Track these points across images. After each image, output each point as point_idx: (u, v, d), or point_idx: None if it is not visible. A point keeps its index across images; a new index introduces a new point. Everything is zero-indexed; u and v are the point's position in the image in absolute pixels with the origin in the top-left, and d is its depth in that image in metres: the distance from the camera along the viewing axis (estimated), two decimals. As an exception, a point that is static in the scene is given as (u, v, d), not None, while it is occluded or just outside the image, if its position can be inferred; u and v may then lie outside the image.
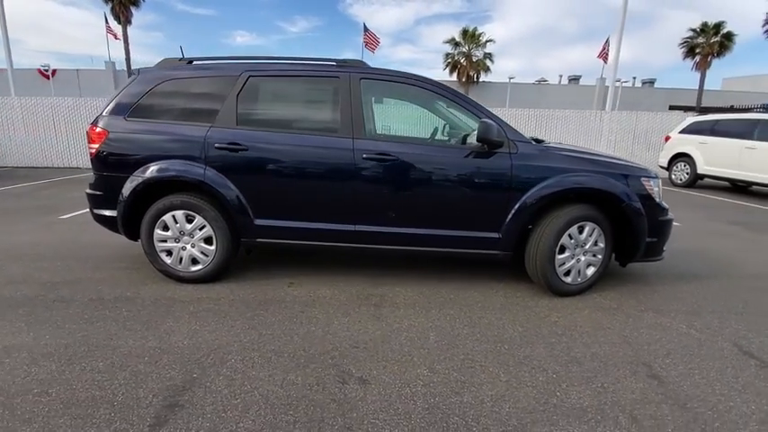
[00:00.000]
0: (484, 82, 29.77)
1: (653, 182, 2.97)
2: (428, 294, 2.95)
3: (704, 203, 7.14)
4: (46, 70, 25.21)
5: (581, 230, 2.85)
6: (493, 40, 29.40)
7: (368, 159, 2.79)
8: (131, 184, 2.85)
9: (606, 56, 23.37)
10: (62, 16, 70.95)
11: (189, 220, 2.91)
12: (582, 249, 2.89)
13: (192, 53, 3.15)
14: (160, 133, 2.90)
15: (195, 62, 3.07)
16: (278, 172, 2.87)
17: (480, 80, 29.83)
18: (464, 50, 29.64)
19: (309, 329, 2.41)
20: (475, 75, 29.68)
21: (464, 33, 29.49)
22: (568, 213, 2.79)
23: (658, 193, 2.99)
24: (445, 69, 30.15)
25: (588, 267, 2.95)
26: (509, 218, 2.83)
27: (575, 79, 36.22)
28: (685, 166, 8.99)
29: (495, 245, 2.89)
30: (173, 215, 2.89)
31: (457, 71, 29.72)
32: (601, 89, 28.81)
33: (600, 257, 2.94)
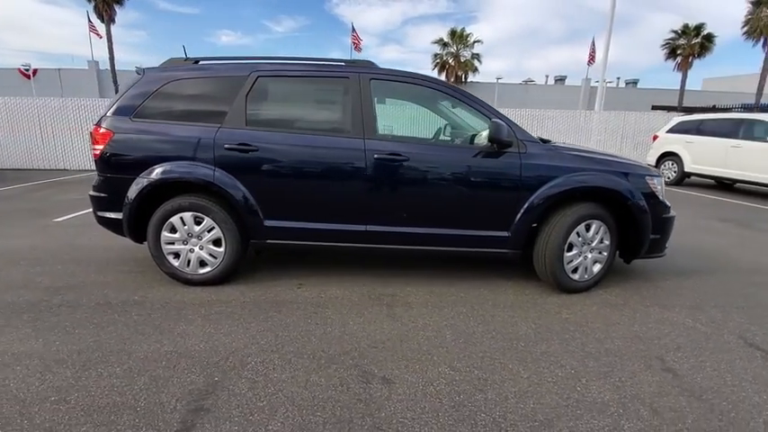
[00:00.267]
0: (472, 82, 29.95)
1: (656, 180, 3.05)
2: (439, 293, 2.97)
3: (693, 201, 7.32)
4: (27, 70, 24.48)
5: (588, 228, 2.90)
6: (480, 41, 29.66)
7: (379, 159, 2.80)
8: (138, 186, 2.80)
9: (593, 57, 23.80)
10: (43, 14, 69.12)
11: (197, 222, 2.87)
12: (589, 247, 2.95)
13: (178, 53, 3.11)
14: (167, 134, 2.86)
15: (201, 62, 3.04)
16: (288, 173, 2.85)
17: (468, 80, 30.02)
18: (452, 51, 29.81)
19: (326, 330, 2.41)
20: (463, 75, 29.87)
21: (452, 34, 29.65)
22: (577, 212, 2.84)
23: (661, 192, 3.07)
24: (434, 69, 30.30)
25: (595, 264, 3.01)
26: (518, 217, 2.86)
27: (561, 80, 36.79)
28: (673, 165, 9.21)
29: (504, 243, 2.93)
30: (181, 217, 2.85)
31: (445, 71, 29.86)
32: (586, 89, 29.32)
33: (606, 254, 3.00)
